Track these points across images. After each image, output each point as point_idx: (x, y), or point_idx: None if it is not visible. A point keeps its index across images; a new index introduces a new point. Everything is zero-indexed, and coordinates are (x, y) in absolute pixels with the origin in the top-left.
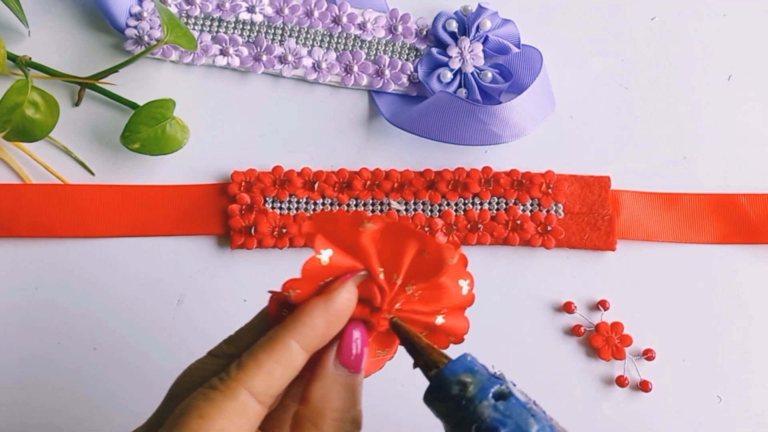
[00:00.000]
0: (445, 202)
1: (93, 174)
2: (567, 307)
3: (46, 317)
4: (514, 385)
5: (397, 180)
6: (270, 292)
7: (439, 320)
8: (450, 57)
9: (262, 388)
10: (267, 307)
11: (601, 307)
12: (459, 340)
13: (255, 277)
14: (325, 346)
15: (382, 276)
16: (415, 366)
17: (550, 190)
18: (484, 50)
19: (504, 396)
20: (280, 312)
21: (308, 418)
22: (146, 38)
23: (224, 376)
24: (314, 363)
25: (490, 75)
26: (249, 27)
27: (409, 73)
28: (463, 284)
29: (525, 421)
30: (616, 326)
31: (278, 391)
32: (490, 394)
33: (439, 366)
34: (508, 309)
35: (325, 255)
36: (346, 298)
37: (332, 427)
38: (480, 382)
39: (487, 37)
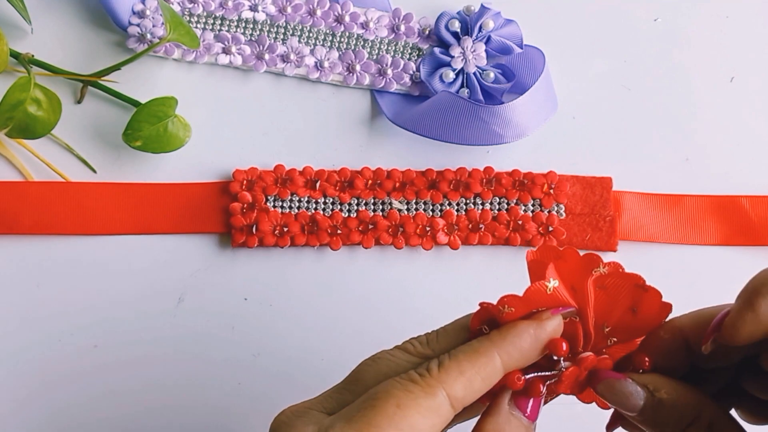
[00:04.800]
0: (447, 202)
1: (95, 171)
2: None
3: (47, 314)
4: None
5: (398, 179)
6: (481, 304)
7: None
8: (452, 57)
9: (460, 395)
10: (470, 318)
11: None
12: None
13: (256, 275)
14: (502, 384)
15: (592, 322)
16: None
17: (551, 191)
18: (486, 50)
19: None
20: (481, 327)
21: None
22: (149, 36)
23: (424, 373)
24: (489, 397)
25: (492, 75)
26: (251, 25)
27: (411, 72)
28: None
29: None
30: None
31: (471, 402)
32: None
33: None
34: None
35: (552, 284)
36: (554, 329)
37: None
38: None
39: (489, 37)
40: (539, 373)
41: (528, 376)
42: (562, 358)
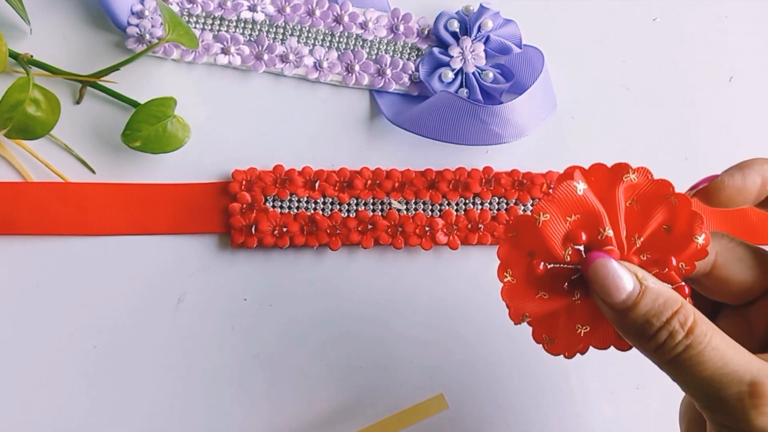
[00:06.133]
0: (446, 202)
1: (94, 172)
2: None
3: (46, 315)
4: None
5: (398, 179)
6: (514, 218)
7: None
8: (451, 57)
9: None
10: (507, 229)
11: None
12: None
13: (256, 276)
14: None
15: (624, 233)
16: None
17: (551, 191)
18: (485, 50)
19: None
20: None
21: None
22: (148, 36)
23: None
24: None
25: (491, 75)
26: (250, 26)
27: (410, 72)
28: (699, 239)
29: None
30: None
31: None
32: None
33: None
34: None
35: (581, 186)
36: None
37: None
38: None
39: (488, 37)
40: (562, 264)
41: (550, 266)
42: (582, 248)
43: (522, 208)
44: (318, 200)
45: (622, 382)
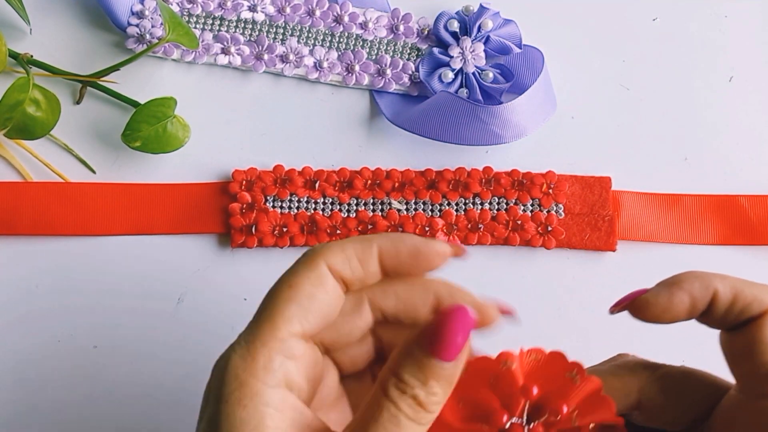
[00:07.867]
0: (446, 202)
1: (94, 172)
2: None
3: (46, 315)
4: None
5: (398, 179)
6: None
7: None
8: (451, 57)
9: (339, 267)
10: None
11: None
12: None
13: (255, 275)
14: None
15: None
16: None
17: (550, 191)
18: (485, 50)
19: None
20: None
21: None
22: (148, 36)
23: (308, 252)
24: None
25: (491, 75)
26: (251, 26)
27: (410, 72)
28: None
29: None
30: None
31: (354, 281)
32: None
33: None
34: None
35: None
36: (440, 249)
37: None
38: None
39: (488, 38)
40: None
41: None
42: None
43: (522, 208)
44: (318, 200)
45: None
